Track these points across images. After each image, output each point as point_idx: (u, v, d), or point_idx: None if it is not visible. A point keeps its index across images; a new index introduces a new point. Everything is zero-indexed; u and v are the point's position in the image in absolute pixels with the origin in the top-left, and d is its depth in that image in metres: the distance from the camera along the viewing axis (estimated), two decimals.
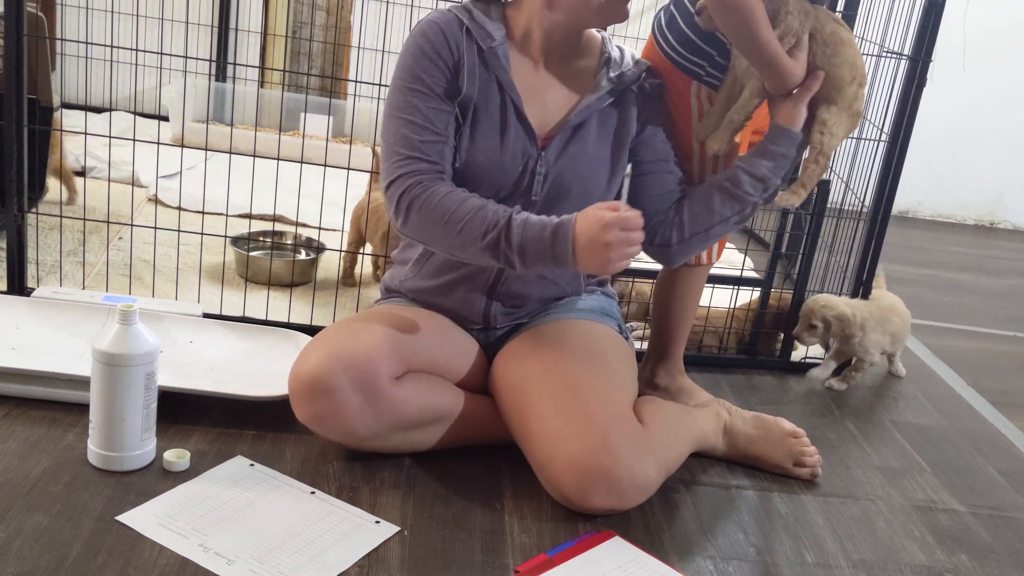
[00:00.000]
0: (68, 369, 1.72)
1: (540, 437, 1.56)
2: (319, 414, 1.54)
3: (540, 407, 1.58)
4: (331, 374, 1.51)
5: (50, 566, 1.30)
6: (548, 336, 1.70)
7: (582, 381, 1.58)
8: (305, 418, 1.56)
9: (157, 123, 3.06)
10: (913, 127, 2.26)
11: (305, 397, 1.54)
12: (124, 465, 1.53)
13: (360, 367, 1.52)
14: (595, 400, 1.55)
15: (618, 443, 1.51)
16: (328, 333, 1.60)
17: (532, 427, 1.58)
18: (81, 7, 3.59)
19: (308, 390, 1.53)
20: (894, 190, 2.31)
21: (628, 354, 1.76)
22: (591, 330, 1.74)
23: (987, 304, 3.34)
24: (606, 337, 1.74)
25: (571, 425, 1.52)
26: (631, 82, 1.68)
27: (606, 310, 1.82)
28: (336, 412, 1.54)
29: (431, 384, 1.64)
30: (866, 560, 1.60)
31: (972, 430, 2.21)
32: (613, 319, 1.83)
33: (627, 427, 1.54)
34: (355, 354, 1.53)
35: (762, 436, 1.83)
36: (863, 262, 2.36)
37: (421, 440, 1.66)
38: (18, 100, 1.98)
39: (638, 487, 1.53)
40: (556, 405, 1.56)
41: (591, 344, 1.69)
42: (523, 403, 1.62)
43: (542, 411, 1.57)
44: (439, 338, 1.68)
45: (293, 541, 1.41)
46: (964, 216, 4.73)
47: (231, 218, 2.72)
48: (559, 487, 1.54)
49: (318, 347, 1.56)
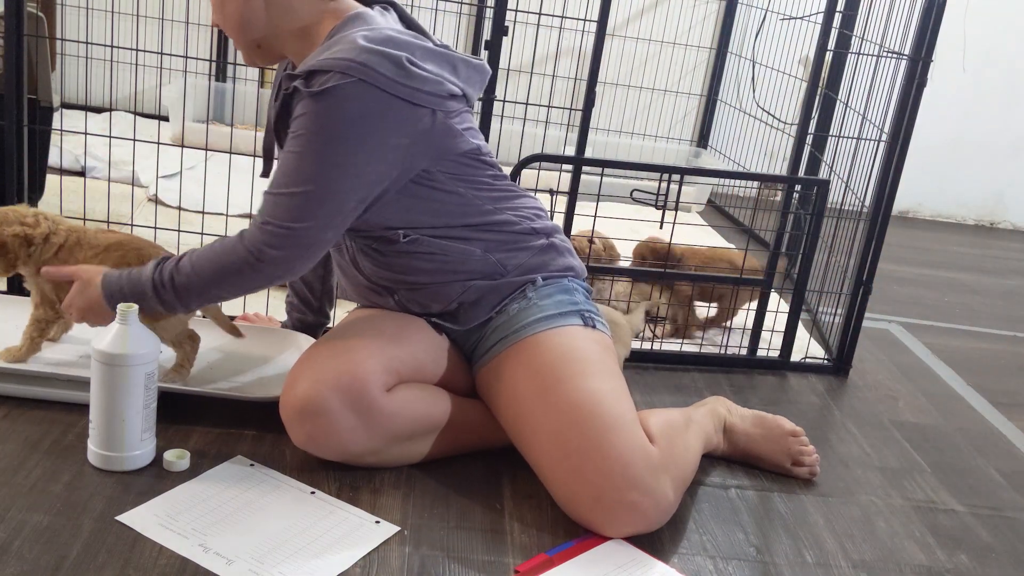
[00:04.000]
0: (68, 369, 1.72)
1: (557, 476, 1.54)
2: (313, 436, 1.54)
3: (549, 446, 1.55)
4: (321, 396, 1.51)
5: (50, 566, 1.30)
6: (527, 363, 1.62)
7: (583, 410, 1.54)
8: (300, 441, 1.56)
9: (157, 123, 3.06)
10: (913, 127, 2.26)
11: (297, 421, 1.54)
12: (124, 465, 1.53)
13: (349, 386, 1.52)
14: (605, 430, 1.51)
15: (640, 474, 1.49)
16: (312, 353, 1.59)
17: (545, 466, 1.56)
18: (81, 7, 3.59)
19: (299, 414, 1.53)
20: (894, 190, 2.31)
21: (607, 348, 1.69)
22: (564, 342, 1.64)
23: (987, 304, 3.34)
24: (581, 342, 1.65)
25: (589, 463, 1.50)
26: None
27: (563, 306, 1.70)
28: (330, 433, 1.53)
29: (422, 394, 1.63)
30: (866, 560, 1.60)
31: (972, 430, 2.21)
32: (575, 312, 1.71)
33: (643, 453, 1.51)
34: (343, 373, 1.52)
35: (762, 435, 1.83)
36: (863, 262, 2.36)
37: (417, 451, 1.65)
38: (18, 100, 1.98)
39: (661, 510, 1.52)
40: (566, 443, 1.52)
41: (572, 359, 1.61)
42: (528, 440, 1.59)
43: (553, 451, 1.54)
44: (419, 338, 1.67)
45: (293, 541, 1.41)
46: (964, 216, 4.73)
47: (231, 218, 2.72)
48: (585, 522, 1.53)
49: (305, 370, 1.55)
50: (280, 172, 1.56)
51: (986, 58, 4.44)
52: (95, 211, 2.60)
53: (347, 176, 1.53)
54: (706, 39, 4.35)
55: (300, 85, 1.52)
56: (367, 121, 1.51)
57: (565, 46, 4.14)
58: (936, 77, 2.69)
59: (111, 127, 2.28)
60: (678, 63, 4.35)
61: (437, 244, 1.66)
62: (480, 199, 1.68)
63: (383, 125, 1.53)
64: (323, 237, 1.56)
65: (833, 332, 2.48)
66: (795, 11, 3.59)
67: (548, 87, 3.95)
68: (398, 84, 1.51)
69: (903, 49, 2.29)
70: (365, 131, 1.52)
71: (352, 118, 1.50)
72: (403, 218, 1.64)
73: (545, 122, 2.58)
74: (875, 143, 2.38)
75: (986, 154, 4.59)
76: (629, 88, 4.33)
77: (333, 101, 1.49)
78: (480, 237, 1.68)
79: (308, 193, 1.52)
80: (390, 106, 1.52)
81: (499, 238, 1.70)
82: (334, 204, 1.55)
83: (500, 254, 1.69)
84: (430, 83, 1.55)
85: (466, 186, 1.67)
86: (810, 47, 3.05)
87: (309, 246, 1.56)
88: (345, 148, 1.51)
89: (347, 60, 1.49)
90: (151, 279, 1.59)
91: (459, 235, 1.67)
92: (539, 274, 1.72)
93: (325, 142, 1.51)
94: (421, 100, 1.55)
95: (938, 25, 2.20)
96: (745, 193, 4.17)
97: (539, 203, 1.80)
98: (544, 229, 1.75)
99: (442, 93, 1.57)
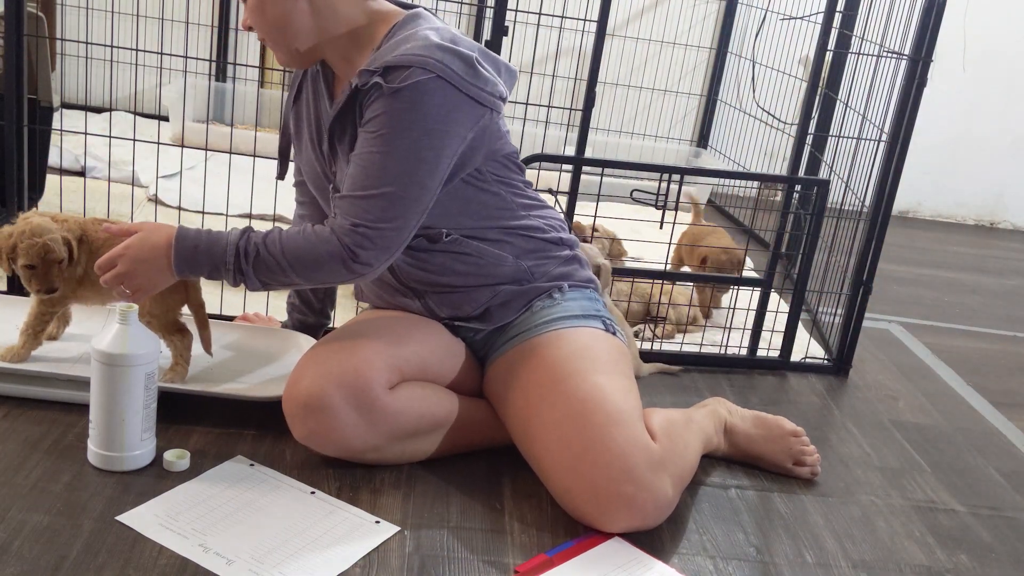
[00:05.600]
0: (68, 369, 1.72)
1: (557, 467, 1.54)
2: (315, 432, 1.54)
3: (551, 437, 1.55)
4: (324, 392, 1.51)
5: (50, 566, 1.30)
6: (542, 356, 1.64)
7: (589, 403, 1.54)
8: (301, 437, 1.56)
9: (157, 123, 3.06)
10: (913, 127, 2.26)
11: (300, 417, 1.54)
12: (124, 465, 1.53)
13: (353, 382, 1.52)
14: (607, 423, 1.52)
15: (638, 468, 1.49)
16: (318, 350, 1.59)
17: (545, 458, 1.56)
18: (81, 7, 3.59)
19: (303, 409, 1.53)
20: (894, 190, 2.30)
21: (622, 354, 1.72)
22: (582, 340, 1.67)
23: (987, 304, 3.34)
24: (598, 343, 1.68)
25: (588, 454, 1.50)
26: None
27: (587, 311, 1.74)
28: (332, 429, 1.53)
29: (425, 392, 1.63)
30: (866, 560, 1.60)
31: (972, 430, 2.21)
32: (597, 317, 1.75)
33: (643, 449, 1.51)
34: (347, 370, 1.53)
35: (762, 435, 1.83)
36: (863, 262, 2.36)
37: (419, 450, 1.65)
38: (18, 100, 1.98)
39: (659, 507, 1.52)
40: (568, 434, 1.53)
41: (587, 356, 1.63)
42: (532, 431, 1.59)
43: (554, 441, 1.54)
44: (427, 340, 1.67)
45: (293, 541, 1.41)
46: (964, 216, 4.73)
47: (231, 218, 2.72)
48: (582, 515, 1.53)
49: (309, 365, 1.55)
50: (362, 173, 1.54)
51: (986, 58, 4.44)
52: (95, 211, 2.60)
53: (433, 171, 1.55)
54: (706, 39, 4.35)
55: (381, 81, 1.51)
56: (447, 116, 1.53)
57: (565, 46, 4.14)
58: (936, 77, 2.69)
59: (111, 127, 2.28)
60: (678, 63, 4.35)
61: (473, 246, 1.67)
62: (515, 203, 1.71)
63: (459, 119, 1.54)
64: (408, 235, 1.57)
65: (833, 332, 2.48)
66: (795, 11, 3.59)
67: (548, 87, 3.94)
68: (468, 83, 1.53)
69: (903, 49, 2.29)
70: (447, 126, 1.53)
71: (435, 114, 1.51)
72: (447, 217, 1.65)
73: (545, 122, 2.58)
74: (875, 143, 2.38)
75: (986, 154, 4.59)
76: (629, 88, 4.33)
77: (417, 96, 1.50)
78: (512, 241, 1.70)
79: (398, 191, 1.53)
80: (462, 103, 1.54)
81: (529, 245, 1.71)
82: (423, 200, 1.56)
83: (530, 261, 1.72)
84: (491, 84, 1.58)
85: (506, 189, 1.70)
86: (810, 47, 3.05)
87: (399, 245, 1.56)
88: (430, 143, 1.53)
89: (424, 56, 1.50)
90: (235, 244, 1.56)
91: (495, 237, 1.69)
92: (565, 282, 1.75)
93: (412, 139, 1.52)
94: (484, 100, 1.57)
95: (938, 25, 2.20)
96: (745, 193, 4.17)
97: (560, 215, 1.84)
98: (568, 241, 1.79)
99: (497, 94, 1.60)
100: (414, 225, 1.57)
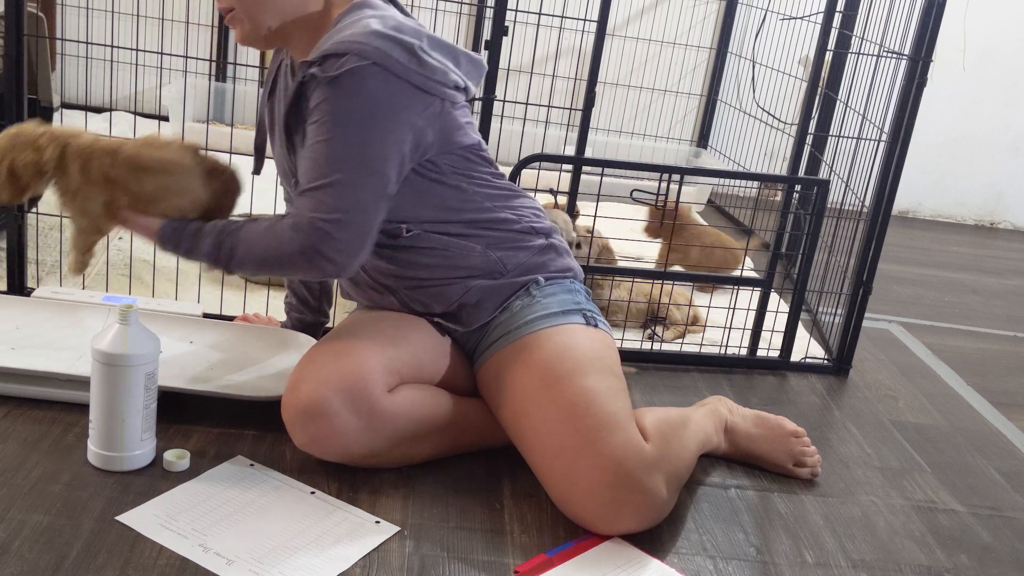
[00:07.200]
0: (68, 369, 1.72)
1: (552, 474, 1.54)
2: (316, 438, 1.54)
3: (544, 444, 1.55)
4: (324, 398, 1.51)
5: (50, 566, 1.30)
6: (526, 360, 1.62)
7: (578, 408, 1.54)
8: (302, 443, 1.56)
9: (157, 123, 3.07)
10: (913, 127, 2.26)
11: (300, 423, 1.53)
12: (124, 465, 1.53)
13: (352, 387, 1.52)
14: (598, 427, 1.51)
15: (631, 471, 1.49)
16: (314, 355, 1.58)
17: (540, 465, 1.56)
18: (81, 7, 3.60)
19: (302, 416, 1.52)
20: (894, 190, 2.31)
21: (607, 347, 1.69)
22: (564, 340, 1.65)
23: (987, 304, 3.34)
24: (581, 341, 1.65)
25: (581, 460, 1.50)
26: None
27: (566, 305, 1.71)
28: (332, 435, 1.53)
29: (423, 395, 1.63)
30: (866, 560, 1.60)
31: (972, 430, 2.21)
32: (577, 311, 1.71)
33: (635, 451, 1.51)
34: (345, 375, 1.52)
35: (763, 435, 1.83)
36: (863, 262, 2.36)
37: (418, 452, 1.65)
38: (18, 100, 1.98)
39: (655, 509, 1.52)
40: (560, 441, 1.53)
41: (569, 357, 1.61)
42: (525, 438, 1.59)
43: (548, 448, 1.54)
44: (420, 339, 1.67)
45: (293, 541, 1.41)
46: (964, 216, 4.73)
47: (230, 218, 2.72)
48: (580, 520, 1.53)
49: (307, 371, 1.55)
50: (312, 165, 1.54)
51: (986, 58, 4.44)
52: None
53: (383, 157, 1.53)
54: (706, 39, 4.35)
55: (317, 71, 1.51)
56: (389, 102, 1.51)
57: (565, 46, 4.15)
58: (936, 77, 2.69)
59: (111, 127, 2.28)
60: (678, 63, 4.35)
61: (438, 239, 1.66)
62: (480, 196, 1.69)
63: (403, 105, 1.53)
64: (372, 225, 1.55)
65: (833, 332, 2.48)
66: (795, 11, 3.59)
67: (548, 87, 3.95)
68: (410, 71, 1.52)
69: (903, 49, 2.29)
70: (388, 110, 1.52)
71: (375, 100, 1.50)
72: (405, 211, 1.64)
73: (545, 122, 2.58)
74: (875, 143, 2.38)
75: (986, 154, 4.59)
76: (629, 88, 4.33)
77: (354, 83, 1.49)
78: (480, 234, 1.68)
79: (347, 177, 1.51)
80: (402, 89, 1.52)
81: (499, 236, 1.70)
82: (378, 187, 1.54)
83: (500, 252, 1.70)
84: (438, 72, 1.56)
85: (468, 181, 1.67)
86: (810, 47, 3.05)
87: (363, 237, 1.54)
88: (372, 125, 1.51)
89: (361, 43, 1.49)
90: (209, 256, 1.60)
91: (459, 231, 1.67)
92: (540, 274, 1.72)
93: (354, 124, 1.51)
94: (431, 88, 1.55)
95: (938, 25, 2.20)
96: (745, 193, 4.17)
97: (537, 204, 1.81)
98: (543, 229, 1.76)
99: (448, 83, 1.58)
100: (374, 213, 1.55)
